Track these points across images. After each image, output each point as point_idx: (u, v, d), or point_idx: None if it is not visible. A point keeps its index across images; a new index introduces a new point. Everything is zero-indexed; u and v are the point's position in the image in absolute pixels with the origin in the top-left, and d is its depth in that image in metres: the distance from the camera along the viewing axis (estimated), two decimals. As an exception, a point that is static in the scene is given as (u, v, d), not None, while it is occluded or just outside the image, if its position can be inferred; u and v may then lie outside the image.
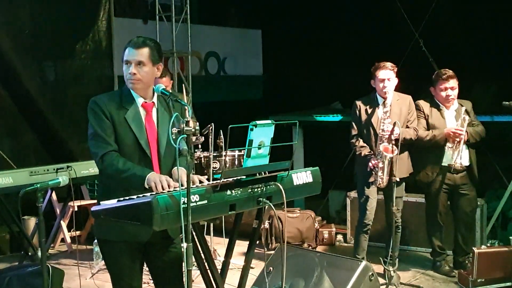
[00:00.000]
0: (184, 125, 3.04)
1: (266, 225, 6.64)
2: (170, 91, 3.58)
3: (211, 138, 5.76)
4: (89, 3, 8.03)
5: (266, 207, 3.50)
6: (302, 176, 3.64)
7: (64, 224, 6.75)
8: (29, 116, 7.21)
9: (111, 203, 3.17)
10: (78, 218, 6.58)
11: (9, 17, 7.07)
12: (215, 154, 5.92)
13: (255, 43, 11.82)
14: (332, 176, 8.16)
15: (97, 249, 6.15)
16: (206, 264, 3.57)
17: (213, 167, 5.77)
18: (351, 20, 10.02)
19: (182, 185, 3.02)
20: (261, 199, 3.39)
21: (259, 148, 3.32)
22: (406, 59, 8.28)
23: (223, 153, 6.17)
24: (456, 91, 5.59)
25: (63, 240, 6.86)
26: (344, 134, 9.17)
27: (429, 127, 5.63)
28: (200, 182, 3.39)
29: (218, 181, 3.20)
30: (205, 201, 3.14)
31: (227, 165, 6.16)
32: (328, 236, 6.93)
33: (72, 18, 7.69)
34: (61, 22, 7.55)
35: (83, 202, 6.79)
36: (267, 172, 3.53)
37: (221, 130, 6.03)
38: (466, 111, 5.60)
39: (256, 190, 3.37)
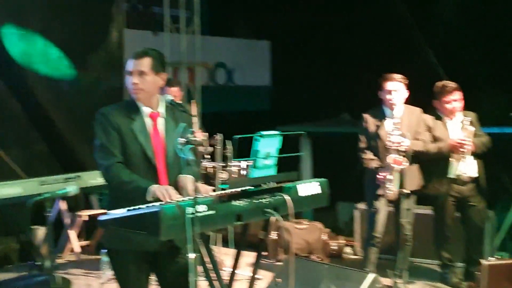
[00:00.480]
0: (191, 135, 3.05)
1: (274, 236, 6.61)
2: (179, 101, 3.61)
3: (219, 149, 5.76)
4: (102, 15, 8.08)
5: (275, 218, 3.49)
6: (309, 187, 3.62)
7: (73, 234, 6.75)
8: (40, 126, 7.24)
9: (119, 212, 3.18)
10: (87, 228, 6.58)
11: (20, 28, 7.12)
12: (222, 164, 5.92)
13: (263, 54, 11.85)
14: (341, 187, 8.10)
15: (105, 259, 6.14)
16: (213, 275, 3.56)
17: (220, 178, 5.77)
18: (360, 31, 10.02)
19: (188, 195, 3.02)
20: (268, 210, 3.39)
21: (265, 159, 3.32)
22: (415, 70, 8.24)
23: (230, 164, 6.17)
24: (461, 103, 5.56)
25: (72, 250, 6.85)
26: (353, 145, 9.16)
27: (434, 139, 5.60)
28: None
29: (225, 191, 3.20)
30: (212, 211, 3.14)
31: (234, 176, 6.16)
32: (337, 248, 6.89)
33: (84, 29, 7.72)
34: (73, 33, 7.59)
35: (92, 212, 6.80)
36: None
37: (228, 141, 6.04)
38: (471, 122, 5.58)
39: (262, 201, 3.36)
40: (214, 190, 3.48)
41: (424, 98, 5.89)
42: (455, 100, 5.55)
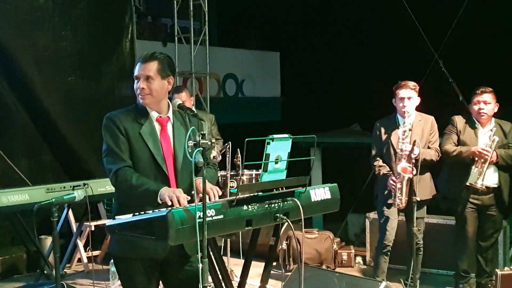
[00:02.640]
0: (200, 138, 3.00)
1: (284, 245, 6.55)
2: (191, 106, 3.55)
3: (229, 157, 5.71)
4: (114, 25, 8.09)
5: (285, 224, 3.43)
6: (320, 193, 3.57)
7: (81, 244, 6.71)
8: (48, 136, 7.23)
9: (126, 217, 3.13)
10: (95, 237, 6.53)
11: (31, 37, 7.13)
12: (232, 173, 5.88)
13: (273, 65, 11.85)
14: (351, 198, 8.06)
15: (113, 269, 6.09)
16: (222, 283, 3.50)
17: (230, 186, 5.72)
18: (370, 41, 10.00)
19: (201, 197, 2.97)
20: (278, 215, 3.33)
21: (276, 163, 3.26)
22: (425, 80, 8.19)
23: (240, 172, 6.14)
24: (490, 107, 5.45)
25: (80, 260, 6.80)
26: (363, 156, 9.09)
27: (460, 143, 5.52)
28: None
29: (235, 196, 3.15)
30: (221, 216, 3.09)
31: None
32: (347, 258, 6.81)
33: (96, 38, 7.74)
34: (85, 43, 7.61)
35: (100, 222, 6.76)
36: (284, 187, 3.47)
37: (238, 149, 6.00)
38: (503, 131, 5.48)
39: (273, 205, 3.31)
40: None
41: (434, 108, 5.82)
42: (483, 102, 5.45)
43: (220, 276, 3.48)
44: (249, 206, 3.21)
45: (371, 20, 9.87)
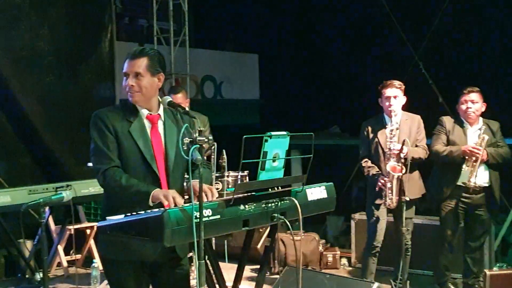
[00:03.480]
0: (197, 135, 2.90)
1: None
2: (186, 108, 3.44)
3: (214, 158, 5.62)
4: (93, 24, 7.96)
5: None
6: (317, 192, 3.50)
7: (60, 248, 6.54)
8: (25, 137, 7.07)
9: (118, 218, 3.02)
10: (75, 241, 6.37)
11: (9, 37, 6.98)
12: (217, 174, 5.78)
13: (252, 67, 11.76)
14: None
15: (95, 273, 5.97)
16: (217, 285, 3.40)
17: (215, 188, 5.62)
18: (349, 43, 10.00)
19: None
20: (275, 215, 3.24)
21: (273, 161, 3.18)
22: (405, 81, 8.18)
23: (226, 174, 6.05)
24: (477, 106, 5.44)
25: (59, 264, 6.63)
26: (343, 158, 9.06)
27: (449, 143, 5.50)
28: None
29: (232, 195, 3.06)
30: (218, 216, 3.00)
31: (229, 186, 6.03)
32: (332, 259, 6.75)
33: (75, 38, 7.60)
34: (63, 42, 7.46)
35: (83, 225, 6.62)
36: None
37: (223, 150, 5.90)
38: (491, 130, 5.48)
39: (270, 205, 3.22)
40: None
41: (413, 108, 5.78)
42: (470, 101, 5.44)
43: (214, 279, 3.37)
44: (246, 206, 3.12)
45: (350, 22, 9.87)
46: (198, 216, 2.86)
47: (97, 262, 6.04)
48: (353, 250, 6.84)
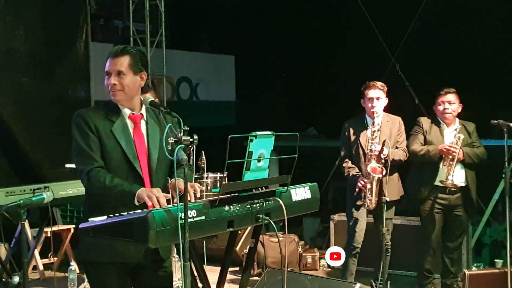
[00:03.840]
0: (181, 134, 2.86)
1: (247, 250, 6.42)
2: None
3: (193, 159, 5.58)
4: (68, 25, 7.82)
5: (248, 228, 3.31)
6: (301, 192, 3.48)
7: (36, 251, 6.44)
8: (0, 139, 6.93)
9: (101, 219, 2.97)
10: (50, 244, 6.28)
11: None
12: (196, 176, 5.74)
13: (228, 68, 11.73)
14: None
15: (72, 276, 5.89)
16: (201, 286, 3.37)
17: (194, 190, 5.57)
18: (326, 45, 9.99)
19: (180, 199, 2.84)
20: (260, 215, 3.22)
21: (258, 161, 3.15)
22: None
23: (205, 175, 6.02)
24: (454, 107, 5.50)
25: (34, 267, 6.53)
26: (319, 159, 9.06)
27: (426, 143, 5.54)
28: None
29: (217, 196, 3.02)
30: (203, 217, 2.96)
31: (209, 187, 6.00)
32: (312, 261, 6.75)
33: (50, 39, 7.46)
34: (38, 43, 7.33)
35: (61, 228, 6.52)
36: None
37: (202, 152, 5.87)
38: (467, 131, 5.52)
39: (255, 205, 3.19)
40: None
41: (389, 110, 5.80)
42: (448, 102, 5.48)
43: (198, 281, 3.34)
44: (231, 207, 3.09)
45: (327, 24, 9.86)
46: (183, 217, 2.82)
47: (74, 265, 5.95)
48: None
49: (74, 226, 6.72)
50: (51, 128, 7.29)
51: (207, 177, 5.99)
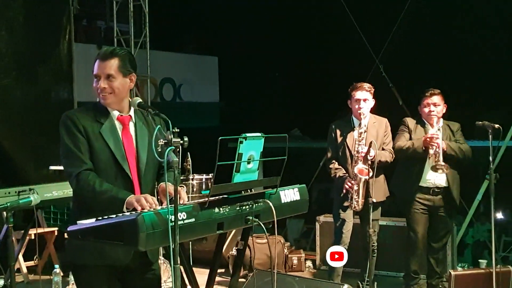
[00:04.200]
0: (172, 136, 2.84)
1: (234, 251, 6.41)
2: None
3: (178, 161, 5.53)
4: (51, 26, 7.76)
5: (234, 230, 3.30)
6: (290, 194, 3.48)
7: (20, 254, 6.36)
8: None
9: (90, 222, 2.94)
10: (35, 246, 6.22)
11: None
12: (182, 177, 5.71)
13: (211, 69, 11.71)
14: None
15: (56, 279, 5.83)
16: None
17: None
18: (311, 46, 10.01)
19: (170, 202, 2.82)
20: (250, 217, 3.21)
21: (248, 163, 3.14)
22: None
23: (190, 177, 5.98)
24: (439, 108, 5.53)
25: (18, 270, 6.45)
26: (303, 161, 9.06)
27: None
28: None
29: (206, 198, 3.01)
30: (193, 219, 2.95)
31: (194, 189, 5.97)
32: (297, 262, 6.75)
33: (33, 40, 7.40)
34: (21, 44, 7.26)
35: (46, 230, 6.45)
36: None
37: (188, 153, 5.84)
38: (451, 130, 5.56)
39: (244, 207, 3.19)
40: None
41: (373, 111, 5.81)
42: (433, 104, 5.51)
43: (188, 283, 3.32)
44: (221, 209, 3.08)
45: (311, 25, 9.88)
46: (173, 220, 2.80)
47: (59, 268, 5.90)
48: (317, 252, 6.86)
49: (58, 228, 6.65)
50: (34, 129, 7.23)
51: (193, 179, 5.97)
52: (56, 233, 6.57)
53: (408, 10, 8.34)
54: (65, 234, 6.38)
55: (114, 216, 2.92)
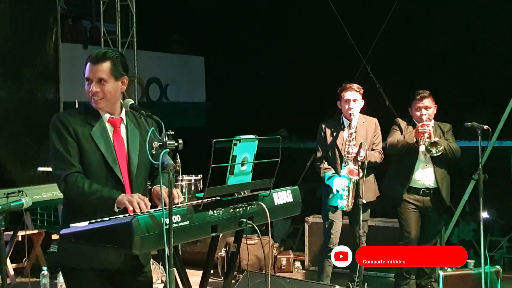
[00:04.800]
0: (166, 138, 2.82)
1: (222, 252, 6.40)
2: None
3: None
4: (37, 26, 7.72)
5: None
6: (283, 196, 3.47)
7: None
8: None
9: (83, 225, 2.91)
10: (24, 248, 6.17)
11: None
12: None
13: (198, 69, 11.70)
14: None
15: (44, 281, 5.79)
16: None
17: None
18: (298, 46, 10.03)
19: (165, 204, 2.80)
20: (243, 220, 3.19)
21: (242, 165, 3.13)
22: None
23: (179, 178, 5.98)
24: (430, 111, 5.55)
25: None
26: (290, 161, 9.07)
27: None
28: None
29: (200, 200, 2.99)
30: (187, 222, 2.93)
31: (183, 190, 5.96)
32: (286, 263, 6.74)
33: (19, 40, 7.36)
34: (7, 43, 7.21)
35: (27, 232, 6.38)
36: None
37: (177, 154, 5.83)
38: (442, 131, 5.59)
39: (238, 210, 3.17)
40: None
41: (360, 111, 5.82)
42: (424, 107, 5.53)
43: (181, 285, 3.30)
44: (215, 211, 3.06)
45: (299, 25, 9.91)
46: (167, 223, 2.78)
47: (47, 270, 5.85)
48: (306, 253, 6.85)
49: (45, 230, 6.60)
50: (20, 130, 7.18)
51: (182, 180, 5.96)
52: (43, 235, 6.51)
53: (395, 11, 8.36)
54: (52, 236, 6.35)
55: (107, 219, 2.91)
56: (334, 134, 5.44)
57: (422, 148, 5.42)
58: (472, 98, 8.54)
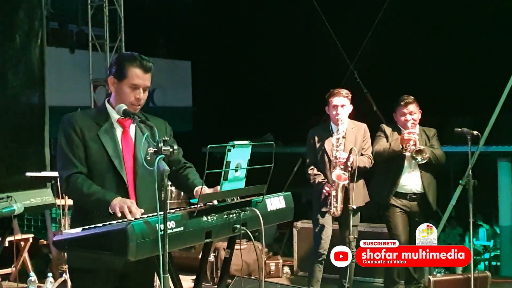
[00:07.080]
0: (162, 144, 2.81)
1: (211, 257, 6.37)
2: None
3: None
4: (23, 30, 7.66)
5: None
6: (276, 202, 3.46)
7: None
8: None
9: (76, 232, 2.89)
10: (13, 254, 6.12)
11: None
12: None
13: (184, 74, 11.71)
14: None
15: (32, 287, 5.73)
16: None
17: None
18: (285, 51, 10.05)
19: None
20: (237, 226, 3.19)
21: (236, 171, 3.12)
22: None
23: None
24: (415, 116, 5.57)
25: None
26: (276, 166, 9.07)
27: None
28: None
29: (195, 206, 2.99)
30: (182, 228, 2.91)
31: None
32: (275, 268, 6.73)
33: (4, 44, 7.33)
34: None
35: (24, 237, 6.35)
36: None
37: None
38: (426, 135, 5.62)
39: (231, 216, 3.16)
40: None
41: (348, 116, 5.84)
42: (409, 113, 5.55)
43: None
44: (209, 217, 3.05)
45: (286, 30, 9.93)
46: (162, 229, 2.77)
47: (34, 276, 5.80)
48: (295, 258, 6.85)
49: (32, 235, 6.54)
50: (5, 134, 7.13)
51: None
52: (31, 240, 6.46)
53: (382, 17, 8.41)
54: (39, 241, 6.29)
55: (101, 225, 2.89)
56: (323, 140, 5.46)
57: (408, 154, 5.45)
58: (457, 103, 8.60)
